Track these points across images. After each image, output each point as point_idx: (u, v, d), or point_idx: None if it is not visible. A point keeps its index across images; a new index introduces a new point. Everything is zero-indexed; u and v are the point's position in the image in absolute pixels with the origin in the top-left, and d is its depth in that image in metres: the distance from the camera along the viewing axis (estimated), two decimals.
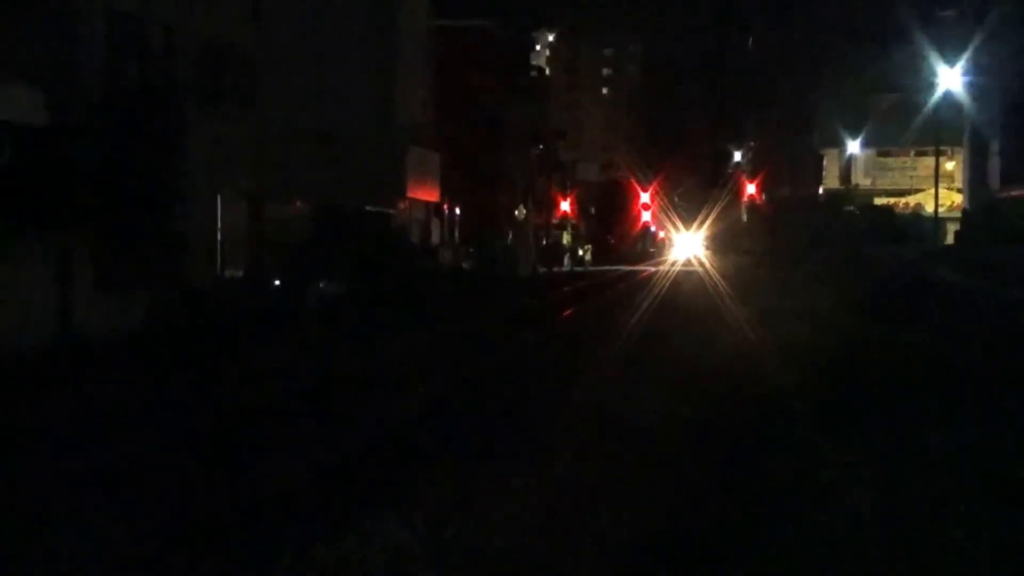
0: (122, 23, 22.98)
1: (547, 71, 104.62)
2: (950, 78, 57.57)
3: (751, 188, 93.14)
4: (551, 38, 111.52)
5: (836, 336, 18.12)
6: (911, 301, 26.20)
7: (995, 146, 63.07)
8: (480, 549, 7.40)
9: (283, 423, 12.89)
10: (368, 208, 41.99)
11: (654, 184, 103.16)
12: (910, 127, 68.33)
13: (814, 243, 59.78)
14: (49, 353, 18.66)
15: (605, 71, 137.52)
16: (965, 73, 57.64)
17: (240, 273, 31.29)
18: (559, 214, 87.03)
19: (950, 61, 57.28)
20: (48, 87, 20.03)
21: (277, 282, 31.62)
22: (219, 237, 30.62)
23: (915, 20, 64.81)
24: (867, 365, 15.46)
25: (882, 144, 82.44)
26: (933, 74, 58.77)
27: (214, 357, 18.83)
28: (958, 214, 66.24)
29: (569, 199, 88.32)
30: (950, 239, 62.85)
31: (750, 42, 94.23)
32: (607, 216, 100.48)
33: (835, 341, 17.68)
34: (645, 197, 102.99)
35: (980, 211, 57.35)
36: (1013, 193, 56.76)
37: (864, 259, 43.76)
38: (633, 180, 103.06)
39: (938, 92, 57.91)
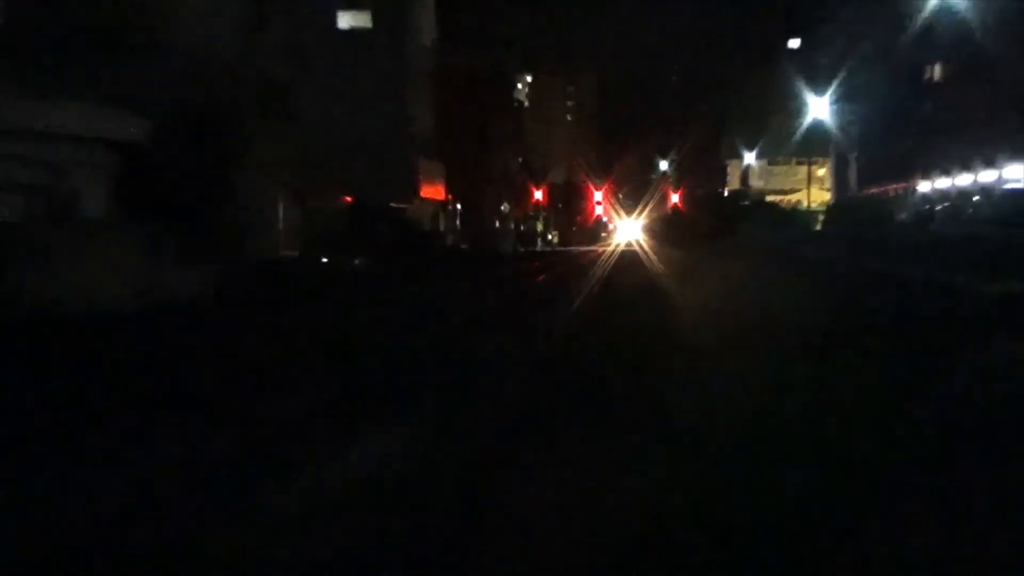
0: (194, 61, 22.35)
1: (526, 103, 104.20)
2: (819, 105, 57.49)
3: (675, 198, 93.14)
4: (529, 79, 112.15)
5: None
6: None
7: (853, 157, 63.06)
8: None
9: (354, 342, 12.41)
10: (391, 204, 41.76)
11: (605, 185, 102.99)
12: (791, 142, 68.17)
13: (719, 229, 59.46)
14: (141, 311, 18.16)
15: (569, 103, 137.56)
16: (832, 101, 57.68)
17: (296, 253, 31.21)
18: (533, 201, 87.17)
19: (820, 91, 57.36)
20: (134, 110, 19.43)
21: (324, 259, 31.54)
22: (280, 227, 30.40)
23: (795, 59, 64.71)
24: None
25: (771, 155, 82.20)
26: (807, 101, 58.88)
27: (279, 307, 18.47)
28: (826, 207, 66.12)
29: (541, 190, 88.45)
30: (820, 227, 62.71)
31: (672, 78, 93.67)
32: (569, 209, 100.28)
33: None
34: (598, 195, 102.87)
35: (841, 205, 57.60)
36: (865, 192, 56.86)
37: (754, 240, 43.82)
38: (589, 183, 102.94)
39: (809, 117, 58.07)
